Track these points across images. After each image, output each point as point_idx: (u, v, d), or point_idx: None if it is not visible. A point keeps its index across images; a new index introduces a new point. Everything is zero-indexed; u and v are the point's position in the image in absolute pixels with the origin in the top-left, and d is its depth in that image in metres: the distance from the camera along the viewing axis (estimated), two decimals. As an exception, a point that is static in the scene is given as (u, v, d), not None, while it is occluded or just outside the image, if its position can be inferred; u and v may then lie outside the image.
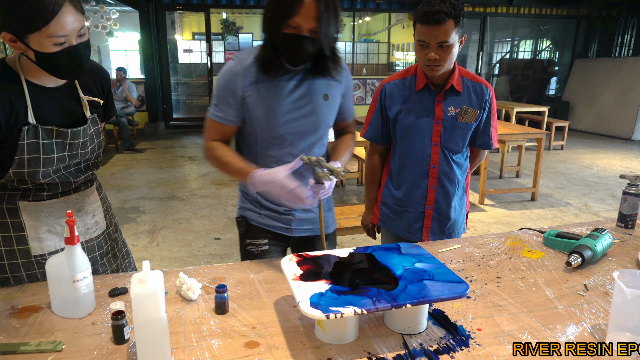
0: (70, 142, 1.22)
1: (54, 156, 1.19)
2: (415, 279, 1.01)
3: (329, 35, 1.26)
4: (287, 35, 1.24)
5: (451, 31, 1.48)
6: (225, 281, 1.25)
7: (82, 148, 1.25)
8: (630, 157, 7.54)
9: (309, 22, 1.21)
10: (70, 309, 1.05)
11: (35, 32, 1.04)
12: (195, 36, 13.91)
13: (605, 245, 1.43)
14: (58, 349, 0.93)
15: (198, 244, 3.73)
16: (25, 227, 1.24)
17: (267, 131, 1.38)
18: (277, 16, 1.23)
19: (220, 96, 1.36)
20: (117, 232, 1.50)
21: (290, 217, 1.50)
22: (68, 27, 1.06)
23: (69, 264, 1.02)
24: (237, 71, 1.34)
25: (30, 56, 1.09)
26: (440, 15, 1.44)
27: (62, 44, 1.07)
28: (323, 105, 1.42)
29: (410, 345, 0.98)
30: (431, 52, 1.52)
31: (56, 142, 1.19)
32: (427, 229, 1.75)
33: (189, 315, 1.08)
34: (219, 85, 1.37)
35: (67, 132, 1.20)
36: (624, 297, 0.94)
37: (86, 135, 1.25)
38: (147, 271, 0.86)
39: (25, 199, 1.24)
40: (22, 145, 1.14)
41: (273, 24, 1.25)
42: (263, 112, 1.36)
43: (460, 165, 1.74)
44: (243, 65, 1.34)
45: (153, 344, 0.86)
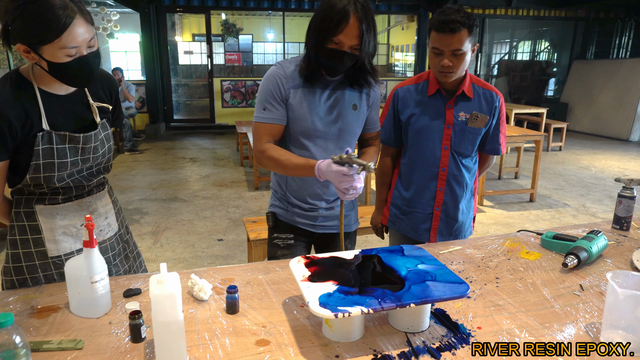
0: (82, 147, 1.27)
1: (67, 160, 1.24)
2: (418, 280, 1.06)
3: (368, 52, 1.40)
4: (330, 50, 1.38)
5: (465, 40, 1.53)
6: (235, 282, 1.30)
7: (94, 152, 1.30)
8: (628, 158, 7.60)
9: (350, 40, 1.36)
10: (88, 308, 1.10)
11: (48, 44, 1.09)
12: (196, 37, 13.96)
13: (600, 246, 1.48)
14: (79, 347, 0.98)
15: (201, 245, 3.78)
16: (42, 230, 1.29)
17: (302, 132, 1.51)
18: (322, 32, 1.37)
19: (267, 99, 1.48)
20: (128, 234, 1.55)
21: (315, 214, 1.62)
22: (79, 39, 1.12)
23: (87, 266, 1.07)
24: (281, 75, 1.48)
25: (44, 66, 1.14)
26: (455, 25, 1.50)
27: (73, 55, 1.13)
28: (351, 115, 1.55)
29: (413, 343, 1.03)
30: (445, 60, 1.57)
31: (69, 147, 1.24)
32: (435, 230, 1.81)
33: (202, 315, 1.13)
34: (265, 88, 1.49)
35: (80, 137, 1.25)
36: (617, 297, 0.99)
37: (97, 139, 1.30)
38: (165, 273, 0.91)
39: (41, 203, 1.29)
40: (38, 151, 1.20)
41: (319, 38, 1.38)
42: (300, 114, 1.49)
43: (469, 169, 1.79)
44: (286, 71, 1.49)
45: (170, 342, 0.91)
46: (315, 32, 1.39)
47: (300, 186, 1.58)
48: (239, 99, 10.13)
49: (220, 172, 6.36)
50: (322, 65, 1.43)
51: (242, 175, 6.16)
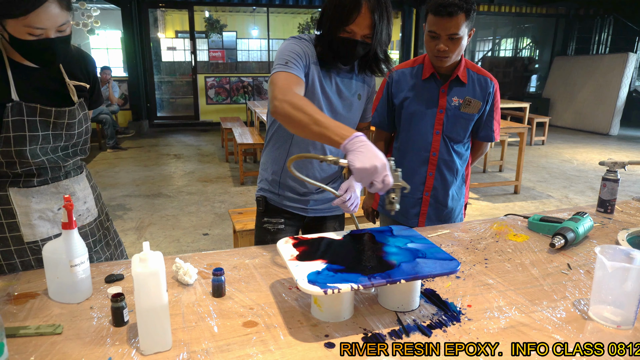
0: (54, 122, 1.23)
1: (39, 134, 1.20)
2: (409, 258, 1.05)
3: (381, 41, 1.38)
4: (342, 39, 1.36)
5: (462, 24, 1.51)
6: (221, 267, 1.27)
7: (67, 129, 1.26)
8: (608, 151, 7.75)
9: (363, 30, 1.34)
10: (68, 294, 1.06)
11: (13, 19, 1.05)
12: (179, 34, 13.77)
13: (586, 227, 1.49)
14: (58, 331, 0.94)
15: (186, 240, 3.72)
16: (16, 214, 1.24)
17: None
18: (335, 21, 1.34)
19: (295, 57, 1.35)
20: (108, 221, 1.50)
21: (307, 198, 1.60)
22: (47, 21, 1.07)
23: (66, 249, 1.03)
24: (309, 46, 1.42)
25: (5, 37, 1.10)
26: (453, 8, 1.48)
27: (37, 35, 1.08)
28: (356, 104, 1.55)
29: (404, 321, 1.01)
30: (441, 44, 1.55)
31: (40, 120, 1.20)
32: (424, 214, 1.80)
33: (187, 299, 1.10)
34: (292, 47, 1.37)
35: (51, 111, 1.22)
36: (606, 270, 0.99)
37: (73, 117, 1.26)
38: (148, 251, 0.87)
39: (15, 186, 1.24)
40: (7, 123, 1.15)
41: (332, 27, 1.35)
42: (312, 92, 1.44)
43: (461, 155, 1.78)
44: (311, 45, 1.43)
45: (154, 323, 0.88)
46: (328, 20, 1.36)
47: (300, 169, 1.54)
48: (224, 96, 10.03)
49: (205, 168, 6.29)
50: (335, 53, 1.40)
51: (227, 171, 6.10)
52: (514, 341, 0.94)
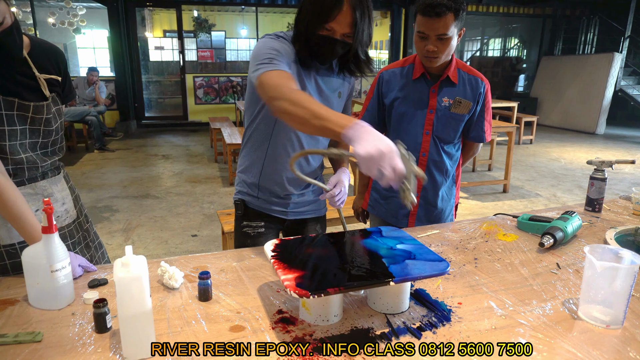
0: (32, 116, 1.20)
1: (17, 128, 1.18)
2: (398, 259, 1.04)
3: (362, 41, 1.33)
4: (321, 36, 1.30)
5: (451, 24, 1.49)
6: (208, 270, 1.25)
7: (46, 125, 1.24)
8: (595, 150, 7.84)
9: (343, 28, 1.28)
10: (49, 300, 1.03)
11: None
12: (167, 33, 13.66)
13: (575, 226, 1.49)
14: (37, 339, 0.91)
15: (175, 241, 3.68)
16: None
17: None
18: (314, 18, 1.29)
19: (275, 54, 1.27)
20: (87, 223, 1.47)
21: (287, 201, 1.56)
22: None
23: (46, 254, 1.00)
24: (286, 43, 1.36)
25: None
26: (441, 8, 1.46)
27: None
28: (336, 102, 1.51)
29: (394, 323, 1.00)
30: (430, 44, 1.54)
31: (17, 115, 1.18)
32: (414, 215, 1.79)
33: (172, 303, 1.07)
34: (270, 45, 1.30)
35: (29, 106, 1.19)
36: (595, 270, 0.99)
37: (49, 112, 1.23)
38: (130, 255, 0.85)
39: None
40: None
41: (310, 25, 1.30)
42: None
43: (451, 155, 1.77)
44: (289, 43, 1.37)
45: (137, 329, 0.85)
46: (306, 17, 1.30)
47: (274, 170, 1.51)
48: (213, 96, 9.96)
49: (194, 168, 6.23)
50: (312, 52, 1.35)
51: (216, 172, 6.05)
52: (503, 341, 0.93)
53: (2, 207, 1.12)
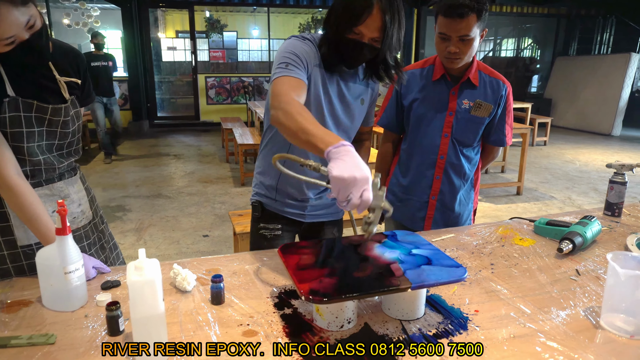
0: (49, 119, 1.20)
1: (34, 130, 1.18)
2: (414, 265, 1.02)
3: (390, 46, 1.30)
4: (349, 40, 1.28)
5: (473, 25, 1.46)
6: (220, 272, 1.24)
7: (63, 127, 1.24)
8: (611, 152, 7.70)
9: (372, 32, 1.26)
10: (62, 301, 1.03)
11: None
12: (179, 34, 13.75)
13: (594, 232, 1.45)
14: (50, 341, 0.91)
15: (186, 242, 3.69)
16: (10, 217, 1.21)
17: (313, 114, 1.37)
18: (344, 21, 1.27)
19: (294, 59, 1.29)
20: (103, 224, 1.48)
21: (305, 204, 1.55)
22: (12, 28, 1.01)
23: (60, 255, 1.00)
24: (310, 47, 1.35)
25: None
26: (463, 9, 1.42)
27: (13, 42, 1.04)
28: (359, 109, 1.50)
29: (409, 330, 0.98)
30: (452, 46, 1.50)
31: (35, 117, 1.18)
32: (430, 219, 1.76)
33: (185, 306, 1.07)
34: (293, 47, 1.31)
35: (48, 108, 1.19)
36: (618, 278, 0.96)
37: (67, 114, 1.24)
38: (144, 258, 0.84)
39: None
40: (4, 119, 1.13)
41: (340, 28, 1.28)
42: (314, 94, 1.38)
43: (470, 159, 1.74)
44: (313, 46, 1.37)
45: (150, 332, 0.84)
46: (336, 19, 1.29)
47: (291, 166, 1.48)
48: (224, 96, 10.01)
49: (206, 168, 6.26)
50: (340, 55, 1.33)
51: (227, 172, 6.07)
52: (522, 352, 0.90)
53: (18, 208, 1.13)
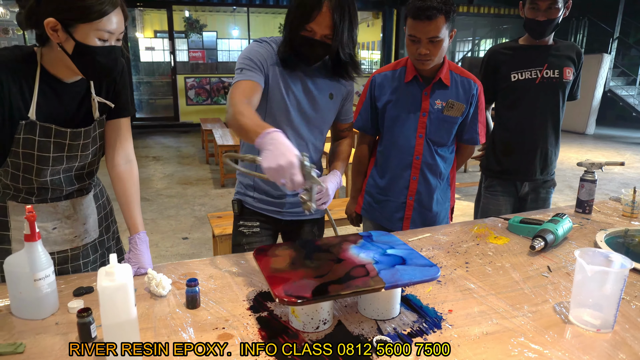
0: (69, 143, 1.19)
1: (49, 155, 1.17)
2: (388, 265, 1.03)
3: (342, 42, 1.37)
4: (303, 37, 1.37)
5: (442, 26, 1.49)
6: (197, 276, 1.23)
7: (83, 150, 1.23)
8: (585, 150, 7.91)
9: (322, 29, 1.34)
10: (32, 309, 1.00)
11: (87, 22, 1.04)
12: (158, 34, 13.56)
13: (565, 229, 1.49)
14: (19, 350, 0.89)
15: (165, 244, 3.64)
16: (10, 227, 1.22)
17: (277, 111, 1.47)
18: (297, 19, 1.36)
19: (247, 63, 1.40)
20: (112, 241, 1.48)
21: (282, 201, 1.57)
22: (114, 27, 1.08)
23: (29, 262, 0.97)
24: (266, 48, 1.44)
25: (68, 48, 1.07)
26: (432, 12, 1.46)
27: (105, 40, 1.08)
28: (327, 103, 1.53)
29: (384, 330, 0.99)
30: (422, 48, 1.53)
31: (54, 142, 1.17)
32: (408, 219, 1.78)
33: (160, 311, 1.06)
34: (248, 53, 1.42)
35: (66, 133, 1.18)
36: (585, 274, 0.99)
37: (88, 137, 1.23)
38: (115, 263, 0.83)
39: (14, 200, 1.22)
40: (18, 139, 1.13)
41: (293, 25, 1.37)
42: (275, 93, 1.45)
43: (445, 158, 1.76)
44: (268, 48, 1.45)
45: (122, 338, 0.83)
46: (291, 17, 1.38)
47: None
48: (204, 97, 9.91)
49: (185, 170, 6.19)
50: (296, 52, 1.41)
51: (207, 173, 6.01)
52: (494, 349, 0.92)
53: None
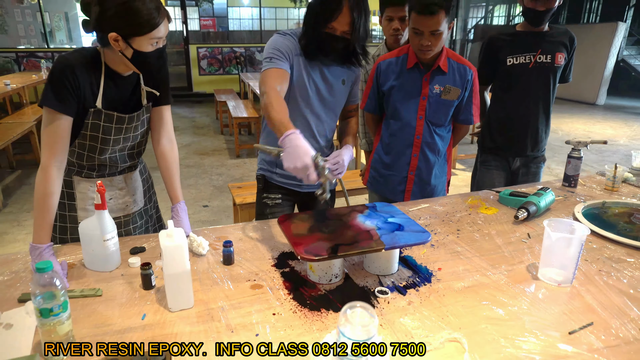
0: (126, 127, 1.45)
1: (110, 137, 1.42)
2: (388, 231, 1.25)
3: (359, 37, 1.58)
4: (325, 34, 1.56)
5: (442, 20, 1.67)
6: (229, 239, 1.46)
7: (134, 131, 1.48)
8: (593, 121, 7.95)
9: (343, 27, 1.55)
10: (102, 264, 1.25)
11: (141, 36, 1.26)
12: (168, 2, 13.51)
13: (548, 201, 1.70)
14: (98, 294, 1.14)
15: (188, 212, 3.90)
16: (76, 198, 1.48)
17: (300, 98, 1.68)
18: (319, 18, 1.55)
19: (277, 53, 1.59)
20: (154, 209, 1.74)
21: None
22: (162, 34, 1.31)
23: (100, 226, 1.22)
24: (290, 40, 1.64)
25: (127, 54, 1.30)
26: (433, 8, 1.64)
27: (155, 45, 1.31)
28: (341, 88, 1.75)
29: (384, 283, 1.22)
30: (424, 40, 1.72)
31: (115, 127, 1.42)
32: (409, 191, 2.00)
33: (201, 267, 1.30)
34: (275, 44, 1.61)
35: (125, 118, 1.42)
36: (551, 240, 1.20)
37: (138, 120, 1.47)
38: (173, 228, 1.06)
39: (78, 175, 1.48)
40: (87, 124, 1.37)
41: (316, 22, 1.57)
42: (299, 81, 1.65)
43: (443, 137, 1.97)
44: (292, 39, 1.65)
45: (180, 285, 1.07)
46: (312, 17, 1.57)
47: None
48: (216, 66, 10.02)
49: (201, 140, 6.41)
50: (318, 47, 1.60)
51: (222, 144, 6.24)
52: (472, 298, 1.15)
53: (40, 194, 1.26)
